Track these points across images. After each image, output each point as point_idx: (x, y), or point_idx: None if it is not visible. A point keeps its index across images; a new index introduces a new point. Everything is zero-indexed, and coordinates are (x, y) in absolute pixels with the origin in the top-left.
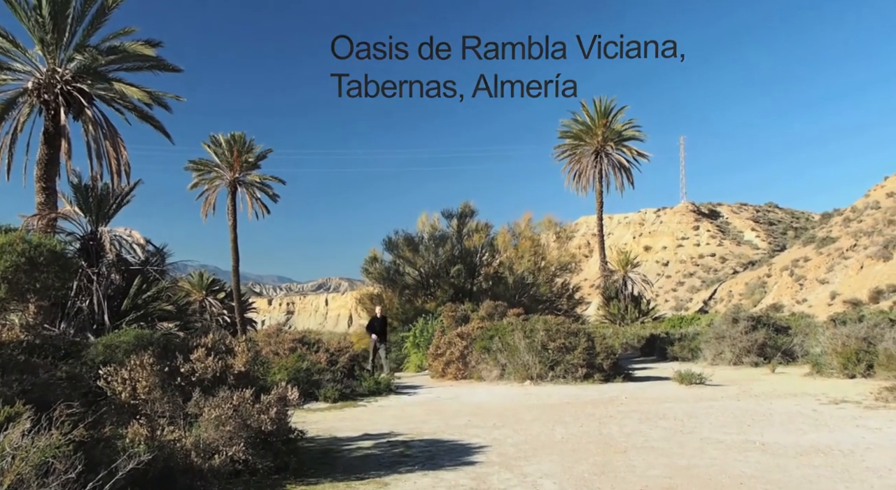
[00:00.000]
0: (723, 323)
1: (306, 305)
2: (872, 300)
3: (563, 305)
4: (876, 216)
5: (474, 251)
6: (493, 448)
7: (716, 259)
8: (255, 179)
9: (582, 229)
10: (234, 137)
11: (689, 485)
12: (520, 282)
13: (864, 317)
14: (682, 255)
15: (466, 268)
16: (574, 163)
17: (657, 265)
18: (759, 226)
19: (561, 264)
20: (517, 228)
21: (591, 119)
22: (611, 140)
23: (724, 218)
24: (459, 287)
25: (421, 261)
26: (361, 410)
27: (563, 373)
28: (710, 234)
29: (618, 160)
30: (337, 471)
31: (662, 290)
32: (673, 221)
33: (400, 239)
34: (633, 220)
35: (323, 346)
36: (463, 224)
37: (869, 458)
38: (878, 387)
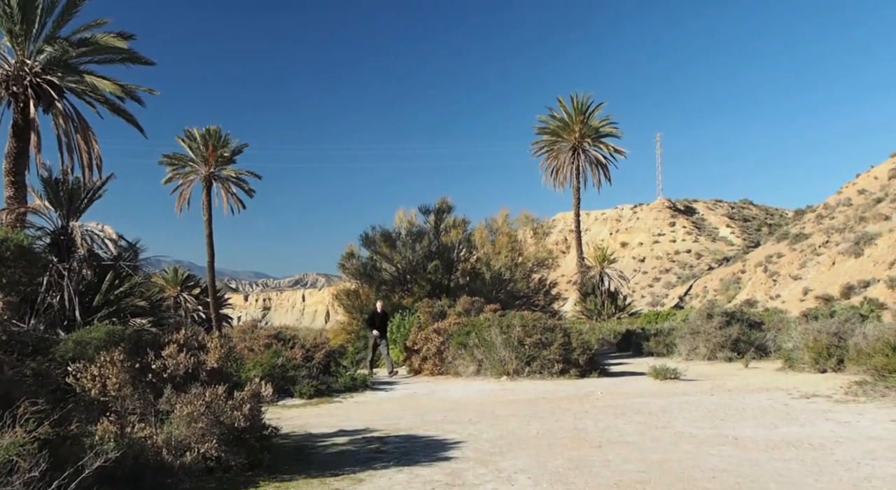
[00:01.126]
0: (697, 318)
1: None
2: (844, 296)
3: (539, 301)
4: (848, 213)
5: (451, 247)
6: (469, 443)
7: (691, 255)
8: (230, 174)
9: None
10: (209, 132)
11: (662, 479)
12: (497, 277)
13: (836, 312)
14: (658, 251)
15: (444, 263)
16: (551, 159)
17: (633, 261)
18: (733, 222)
19: (538, 260)
20: (494, 224)
21: (568, 115)
22: (588, 136)
23: (699, 214)
24: (436, 283)
25: (398, 256)
26: (337, 406)
27: (540, 368)
28: (685, 230)
29: (595, 157)
30: (311, 467)
31: (639, 285)
32: (649, 218)
33: (377, 235)
34: (610, 216)
35: (299, 341)
36: (440, 220)
37: (838, 452)
38: (848, 381)
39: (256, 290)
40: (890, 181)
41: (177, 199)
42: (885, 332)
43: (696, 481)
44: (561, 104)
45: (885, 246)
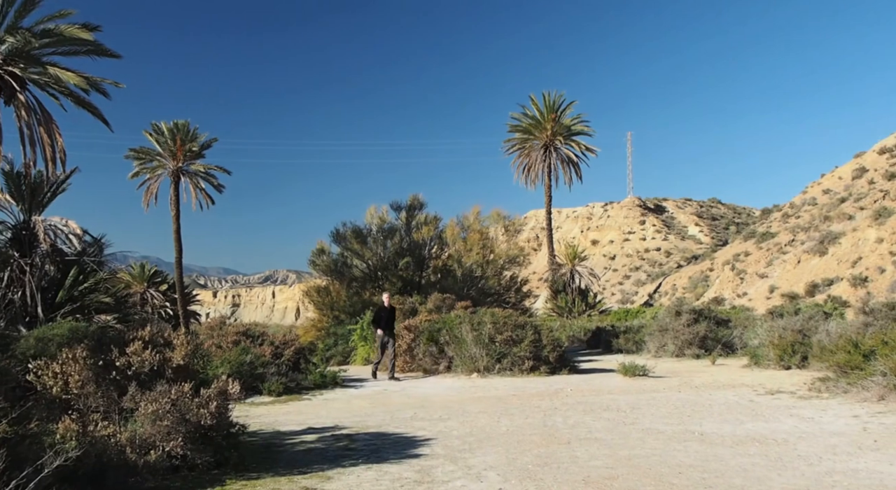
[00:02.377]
0: (666, 316)
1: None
2: (808, 294)
3: (511, 298)
4: (813, 212)
5: (423, 244)
6: (439, 440)
7: (661, 253)
8: (199, 169)
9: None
10: (177, 126)
11: (629, 474)
12: (468, 275)
13: (800, 310)
14: (628, 249)
15: (415, 260)
16: (523, 157)
17: (604, 259)
18: (702, 221)
19: (509, 257)
20: (466, 221)
21: (540, 113)
22: (560, 135)
23: (669, 213)
24: (408, 280)
25: (369, 253)
26: (306, 404)
27: (510, 365)
28: (655, 228)
29: (566, 155)
30: (279, 465)
31: (609, 283)
32: (620, 216)
33: (348, 231)
34: (582, 214)
35: (268, 338)
36: (412, 216)
37: (801, 447)
38: (811, 378)
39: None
40: (853, 181)
41: (144, 194)
42: (848, 330)
43: (663, 477)
44: (533, 102)
45: (848, 245)
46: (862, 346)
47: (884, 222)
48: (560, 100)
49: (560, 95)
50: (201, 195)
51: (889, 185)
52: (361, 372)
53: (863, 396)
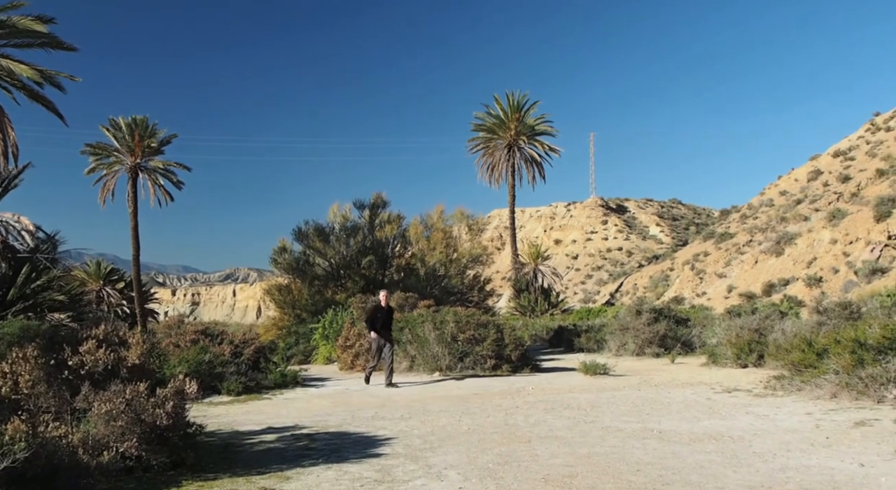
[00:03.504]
0: (627, 315)
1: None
2: (765, 293)
3: (474, 297)
4: (770, 213)
5: (386, 242)
6: (400, 440)
7: (622, 253)
8: (157, 165)
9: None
10: (135, 121)
11: (588, 472)
12: (431, 273)
13: (757, 309)
14: (590, 248)
15: (378, 259)
16: (487, 156)
17: (567, 258)
18: (663, 221)
19: (473, 256)
20: (429, 220)
21: (504, 113)
22: (523, 134)
23: (630, 213)
24: (371, 278)
25: (332, 251)
26: (266, 403)
27: (473, 364)
28: (617, 228)
29: (530, 154)
30: (237, 465)
31: (572, 282)
32: (582, 216)
33: (310, 229)
34: (545, 213)
35: (227, 337)
36: (375, 215)
37: (756, 444)
38: (767, 376)
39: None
40: (809, 184)
41: (100, 191)
42: (802, 329)
43: (622, 474)
44: (497, 102)
45: (804, 246)
46: (815, 344)
47: (837, 224)
48: (524, 100)
49: (524, 95)
50: (160, 192)
51: (842, 187)
52: (323, 371)
53: (816, 394)
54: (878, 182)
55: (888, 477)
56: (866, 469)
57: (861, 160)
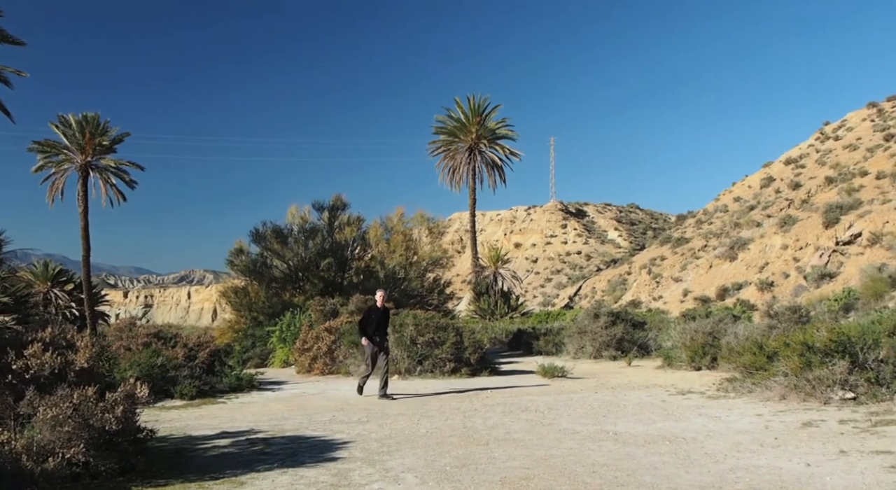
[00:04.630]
0: (585, 318)
1: (166, 298)
2: (719, 297)
3: (434, 300)
4: (724, 219)
5: (345, 244)
6: (357, 443)
7: (581, 257)
8: (109, 164)
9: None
10: (86, 118)
11: (545, 474)
12: (391, 276)
13: (711, 313)
14: (550, 252)
15: (337, 261)
16: (448, 159)
17: (527, 262)
18: (621, 225)
19: (433, 259)
20: (390, 223)
21: (465, 116)
22: (484, 138)
23: (589, 217)
24: (330, 281)
25: (290, 253)
26: (220, 408)
27: (432, 367)
28: (576, 232)
29: (491, 158)
30: (190, 471)
31: (531, 286)
32: (542, 219)
33: (268, 231)
34: (505, 217)
35: (181, 340)
36: (334, 217)
37: (708, 445)
38: (720, 378)
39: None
40: (762, 190)
41: (48, 189)
42: (754, 332)
43: (578, 476)
44: (458, 105)
45: (756, 251)
46: (766, 347)
47: (788, 230)
48: (485, 103)
49: (485, 99)
50: (112, 191)
51: (793, 194)
52: (280, 374)
53: (766, 396)
54: (826, 189)
55: (832, 476)
56: (812, 469)
57: (811, 168)
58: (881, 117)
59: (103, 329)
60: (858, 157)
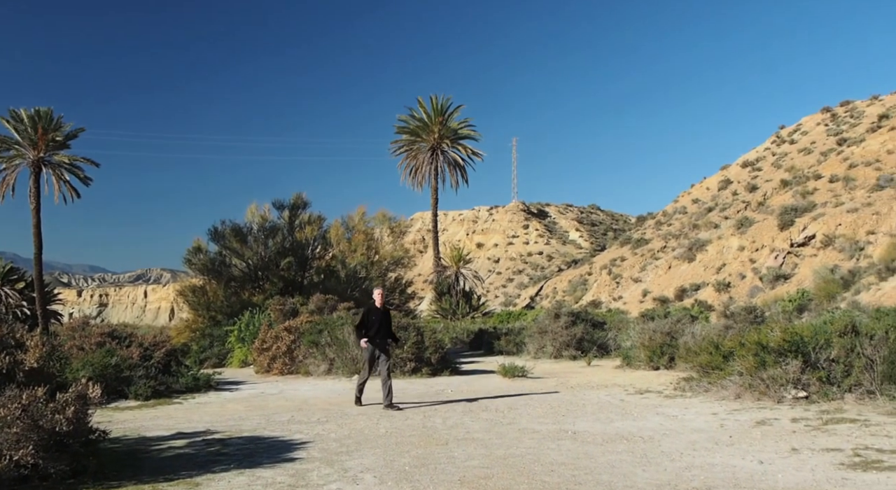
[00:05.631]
0: (545, 318)
1: (122, 297)
2: (678, 298)
3: (395, 300)
4: (683, 220)
5: (306, 243)
6: (316, 443)
7: (543, 257)
8: (63, 160)
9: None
10: (38, 113)
11: (504, 473)
12: (352, 276)
13: (670, 313)
14: (512, 252)
15: (298, 260)
16: (410, 159)
17: (489, 262)
18: (582, 226)
19: (394, 259)
20: (351, 222)
21: (427, 116)
22: (447, 138)
23: (551, 218)
24: (290, 280)
25: (249, 252)
26: (176, 408)
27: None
28: (538, 232)
29: (453, 158)
30: (143, 472)
31: (493, 286)
32: (504, 220)
33: (227, 229)
34: (467, 217)
35: (136, 340)
36: (295, 216)
37: (665, 444)
38: (677, 377)
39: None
40: (719, 192)
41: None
42: (711, 332)
43: (536, 475)
44: (421, 105)
45: (714, 252)
46: (722, 347)
47: (745, 231)
48: (447, 103)
49: (447, 99)
50: (65, 188)
51: (750, 196)
52: (238, 374)
53: (722, 395)
54: (782, 192)
55: (784, 473)
56: (765, 466)
57: (767, 171)
58: (834, 122)
59: (55, 328)
60: (812, 160)
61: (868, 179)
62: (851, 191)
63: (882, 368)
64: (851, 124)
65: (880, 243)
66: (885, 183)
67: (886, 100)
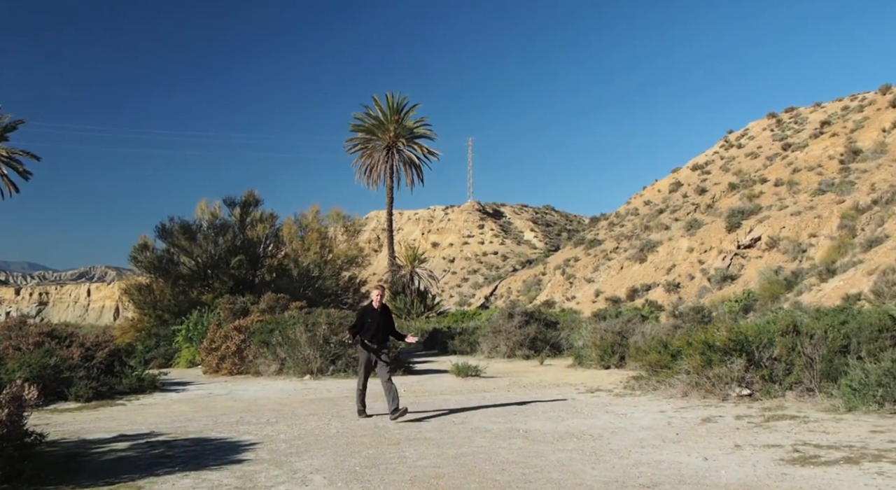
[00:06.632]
0: (499, 318)
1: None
2: (629, 298)
3: (349, 299)
4: (635, 221)
5: (258, 242)
6: (265, 445)
7: (498, 257)
8: (0, 153)
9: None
10: None
11: (455, 473)
12: (305, 274)
13: (621, 313)
14: (467, 252)
15: (249, 259)
16: (366, 157)
17: (444, 261)
18: (537, 227)
19: (348, 258)
20: (304, 220)
21: (383, 114)
22: (402, 136)
23: (506, 218)
24: (241, 279)
25: (198, 250)
26: (119, 410)
27: (345, 366)
28: (493, 232)
29: (409, 157)
30: (82, 476)
31: (448, 285)
32: (460, 219)
33: (175, 226)
34: (423, 216)
35: (78, 339)
36: (246, 213)
37: (614, 441)
38: (627, 376)
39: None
40: (670, 194)
41: None
42: (660, 332)
43: (487, 474)
44: (376, 103)
45: (664, 253)
46: (670, 346)
47: (694, 233)
48: (403, 102)
49: (404, 98)
50: (3, 182)
51: (699, 199)
52: (184, 375)
53: (669, 393)
54: (730, 195)
55: (727, 469)
56: (709, 462)
57: (716, 174)
58: (780, 127)
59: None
60: (759, 164)
61: (811, 184)
62: (795, 194)
63: (821, 367)
64: (795, 130)
65: (821, 246)
66: (826, 187)
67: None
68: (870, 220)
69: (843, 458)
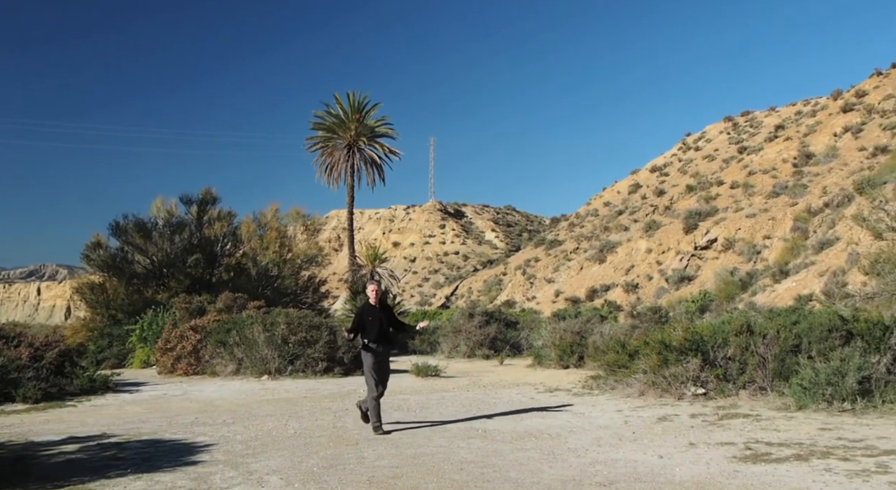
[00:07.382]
0: (460, 318)
1: (12, 295)
2: (589, 298)
3: (308, 299)
4: (595, 222)
5: (215, 240)
6: (221, 446)
7: (459, 257)
8: None
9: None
10: None
11: (413, 472)
12: (264, 274)
13: (581, 313)
14: (428, 251)
15: (206, 257)
16: (326, 156)
17: (405, 261)
18: (498, 227)
19: (308, 257)
20: (263, 218)
21: (344, 113)
22: (364, 135)
23: (468, 218)
24: (197, 278)
25: (154, 248)
26: (70, 411)
27: (304, 367)
28: (454, 232)
29: (370, 156)
30: (30, 479)
31: (409, 285)
32: (421, 219)
33: (130, 224)
34: (384, 216)
35: (26, 339)
36: (204, 211)
37: (572, 440)
38: (586, 376)
39: None
40: (629, 196)
41: None
42: (618, 332)
43: (445, 473)
44: (337, 101)
45: (623, 254)
46: (628, 346)
47: (653, 234)
48: (365, 101)
49: (365, 96)
50: None
51: (658, 200)
52: (138, 375)
53: (627, 392)
54: (687, 197)
55: (681, 467)
56: (664, 460)
57: (674, 176)
58: (736, 131)
59: None
60: (716, 167)
61: (765, 186)
62: (750, 197)
63: (773, 366)
64: (751, 133)
65: (775, 247)
66: (780, 190)
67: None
68: (821, 223)
69: (793, 455)
